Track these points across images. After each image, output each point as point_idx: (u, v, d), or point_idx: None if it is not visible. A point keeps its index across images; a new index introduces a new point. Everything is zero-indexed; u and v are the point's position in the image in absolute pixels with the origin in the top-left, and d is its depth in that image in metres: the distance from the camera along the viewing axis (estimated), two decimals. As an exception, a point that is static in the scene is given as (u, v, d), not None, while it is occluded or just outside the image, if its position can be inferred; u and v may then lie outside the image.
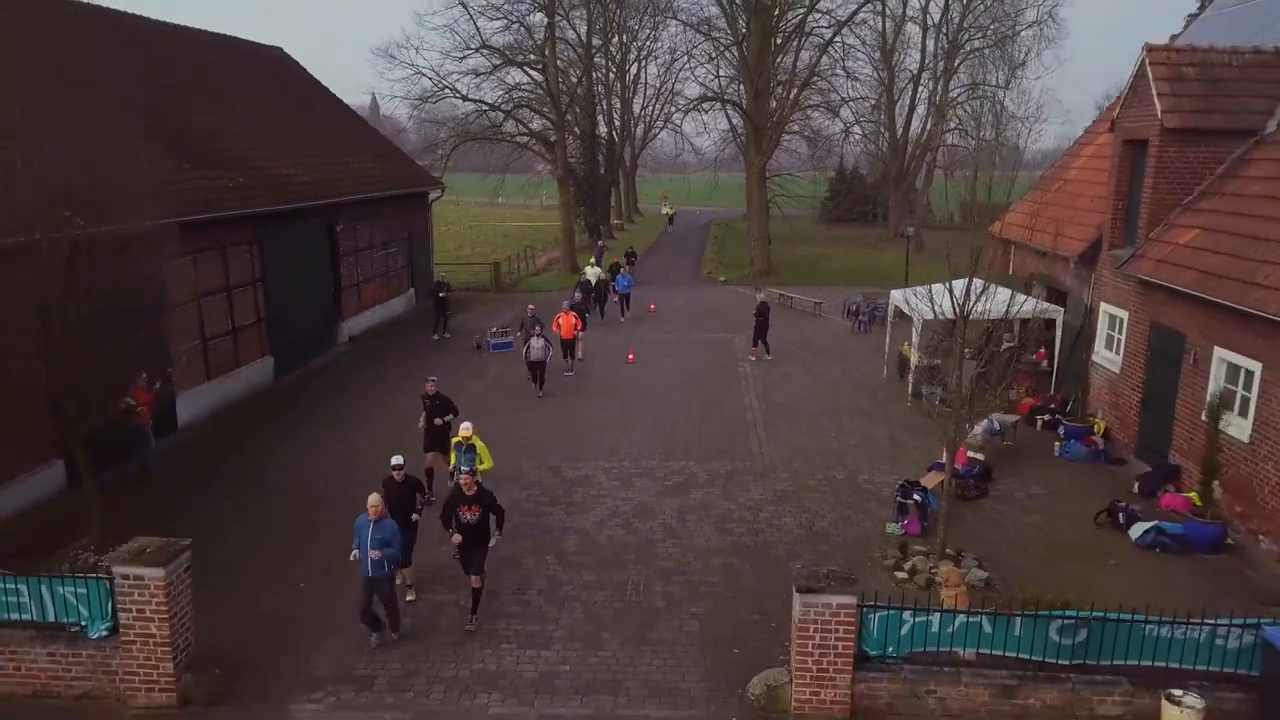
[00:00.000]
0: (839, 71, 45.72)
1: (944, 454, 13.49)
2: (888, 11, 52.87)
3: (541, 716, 9.50)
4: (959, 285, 13.45)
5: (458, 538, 11.02)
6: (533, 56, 43.53)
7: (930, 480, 14.45)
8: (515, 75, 44.70)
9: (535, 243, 51.68)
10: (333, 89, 34.94)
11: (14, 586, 9.95)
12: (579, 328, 23.97)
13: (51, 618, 9.96)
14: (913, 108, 58.52)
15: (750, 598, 11.84)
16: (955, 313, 13.14)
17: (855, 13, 42.78)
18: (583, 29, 50.66)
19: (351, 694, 9.85)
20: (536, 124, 45.90)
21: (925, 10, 53.99)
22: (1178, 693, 8.94)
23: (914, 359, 20.59)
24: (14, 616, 9.95)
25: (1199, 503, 13.82)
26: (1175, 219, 16.13)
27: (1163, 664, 9.27)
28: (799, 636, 9.23)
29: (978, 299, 12.62)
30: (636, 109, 73.71)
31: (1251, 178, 15.13)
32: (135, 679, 9.74)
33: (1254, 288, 12.96)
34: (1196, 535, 13.12)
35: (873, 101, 55.80)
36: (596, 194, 54.71)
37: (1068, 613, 9.43)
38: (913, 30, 56.71)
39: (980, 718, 9.30)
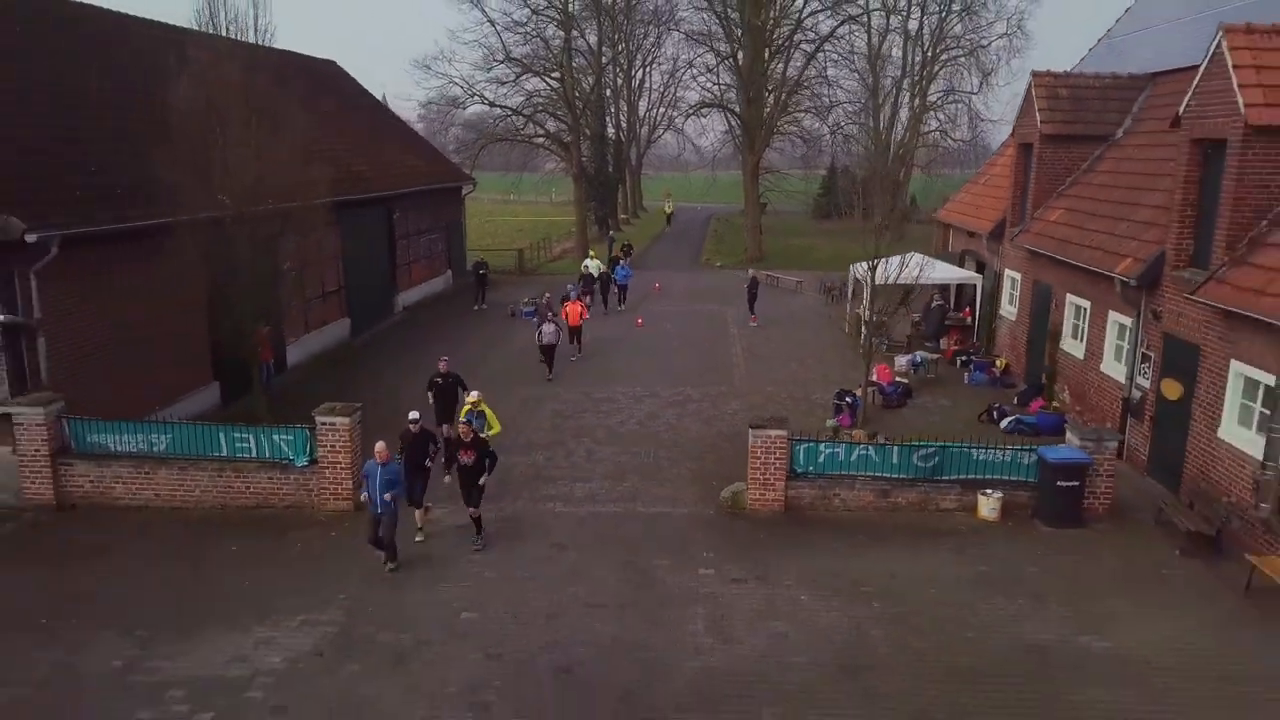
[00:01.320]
0: (823, 79, 51.06)
1: (871, 372, 18.94)
2: (872, 25, 58.15)
3: (589, 513, 14.87)
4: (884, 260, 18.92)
5: (447, 479, 13.97)
6: (549, 66, 48.89)
7: (859, 390, 19.78)
8: (533, 82, 50.15)
9: (550, 235, 57.06)
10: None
11: (245, 435, 15.34)
12: (585, 316, 26.47)
13: (268, 455, 15.34)
14: (895, 111, 63.81)
15: (726, 459, 17.11)
16: (870, 280, 18.55)
17: (833, 31, 48.29)
18: (593, 39, 56.15)
19: (460, 503, 15.17)
20: (551, 125, 51.30)
21: (905, 23, 59.33)
22: (988, 491, 14.31)
23: (864, 316, 25.85)
24: (245, 455, 15.34)
25: (1051, 402, 19.19)
26: (1051, 203, 21.44)
27: (983, 476, 14.60)
28: (751, 458, 14.59)
29: (875, 268, 17.98)
30: (641, 111, 79.12)
31: (1100, 171, 20.47)
32: (326, 493, 15.09)
33: (1086, 249, 18.29)
34: (1044, 423, 18.47)
35: (859, 105, 61.01)
36: (605, 191, 60.16)
37: (925, 443, 14.79)
38: (895, 40, 62.02)
39: (867, 512, 14.65)
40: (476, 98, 47.29)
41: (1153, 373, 15.84)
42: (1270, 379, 12.32)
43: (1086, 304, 18.62)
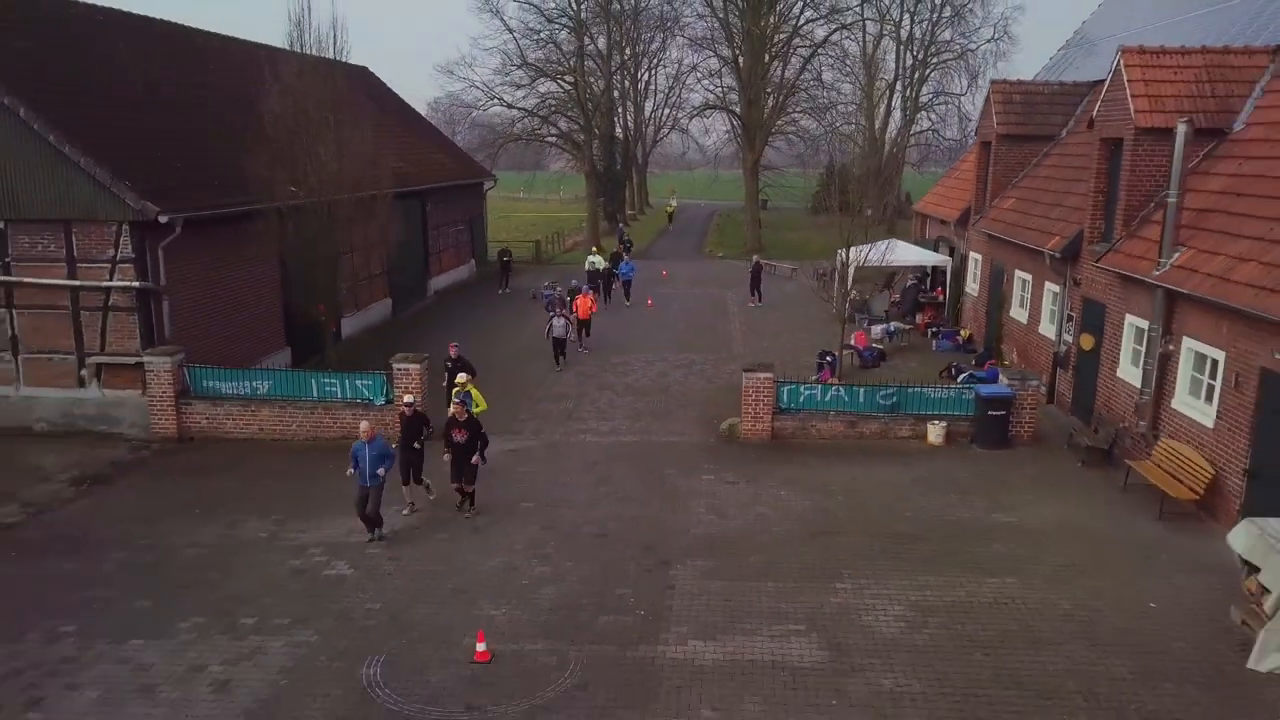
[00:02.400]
0: (818, 82, 54.59)
1: (849, 337, 22.42)
2: (867, 29, 61.67)
3: (613, 441, 18.37)
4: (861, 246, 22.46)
5: (448, 455, 14.41)
6: (562, 70, 52.42)
7: (839, 351, 23.26)
8: (547, 85, 53.66)
9: (561, 229, 60.57)
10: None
11: (332, 379, 18.87)
12: (594, 309, 27.61)
13: (351, 396, 18.83)
14: (888, 111, 67.26)
15: (725, 407, 20.51)
16: (845, 262, 22.03)
17: (827, 38, 51.72)
18: (603, 43, 59.65)
19: (510, 436, 18.66)
20: (564, 125, 54.79)
21: (898, 30, 62.79)
22: (935, 421, 17.76)
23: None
24: (332, 397, 18.82)
25: (1001, 360, 22.66)
26: (1006, 193, 24.88)
27: (932, 412, 18.06)
28: (744, 396, 18.07)
29: (847, 249, 21.47)
30: (647, 112, 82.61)
31: (1046, 166, 23.91)
32: (399, 426, 18.56)
33: (1027, 230, 21.73)
34: (991, 376, 21.81)
35: (853, 106, 64.42)
36: (614, 187, 63.70)
37: (887, 386, 18.26)
38: (888, 46, 65.46)
39: (838, 440, 18.11)
40: (496, 100, 50.80)
41: (1075, 330, 19.28)
42: (1146, 324, 15.75)
43: (1029, 277, 22.08)
